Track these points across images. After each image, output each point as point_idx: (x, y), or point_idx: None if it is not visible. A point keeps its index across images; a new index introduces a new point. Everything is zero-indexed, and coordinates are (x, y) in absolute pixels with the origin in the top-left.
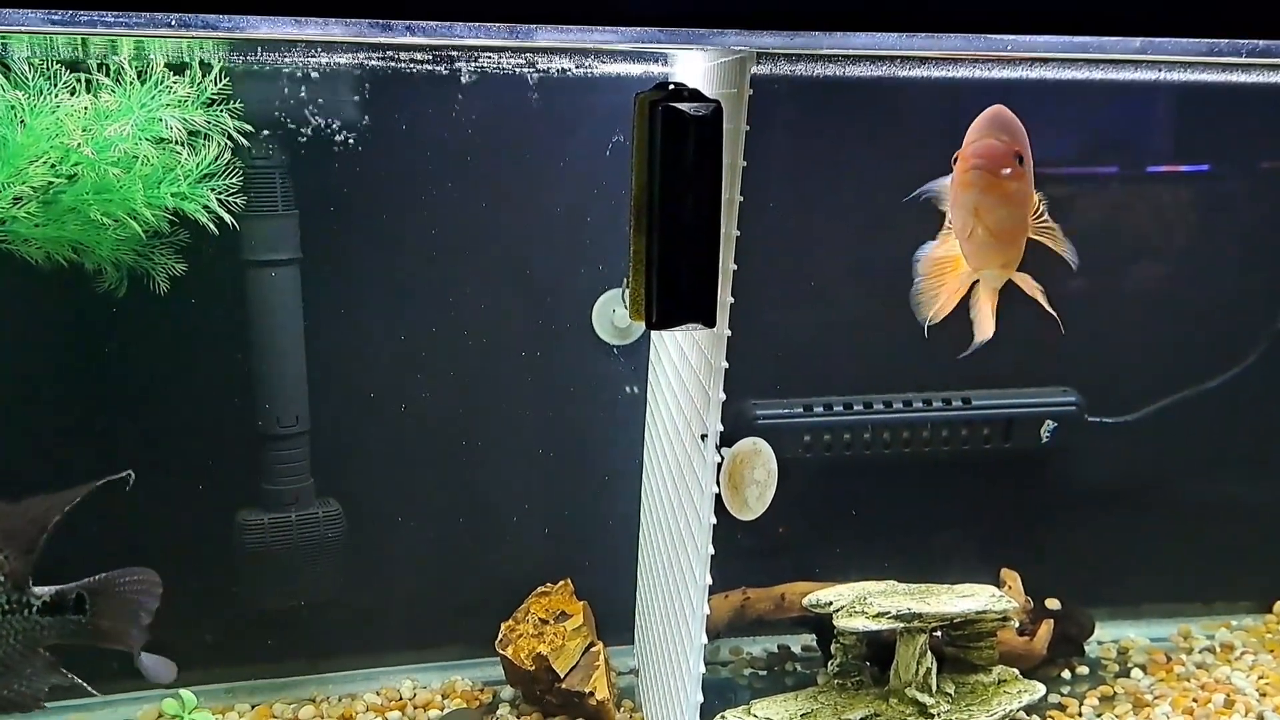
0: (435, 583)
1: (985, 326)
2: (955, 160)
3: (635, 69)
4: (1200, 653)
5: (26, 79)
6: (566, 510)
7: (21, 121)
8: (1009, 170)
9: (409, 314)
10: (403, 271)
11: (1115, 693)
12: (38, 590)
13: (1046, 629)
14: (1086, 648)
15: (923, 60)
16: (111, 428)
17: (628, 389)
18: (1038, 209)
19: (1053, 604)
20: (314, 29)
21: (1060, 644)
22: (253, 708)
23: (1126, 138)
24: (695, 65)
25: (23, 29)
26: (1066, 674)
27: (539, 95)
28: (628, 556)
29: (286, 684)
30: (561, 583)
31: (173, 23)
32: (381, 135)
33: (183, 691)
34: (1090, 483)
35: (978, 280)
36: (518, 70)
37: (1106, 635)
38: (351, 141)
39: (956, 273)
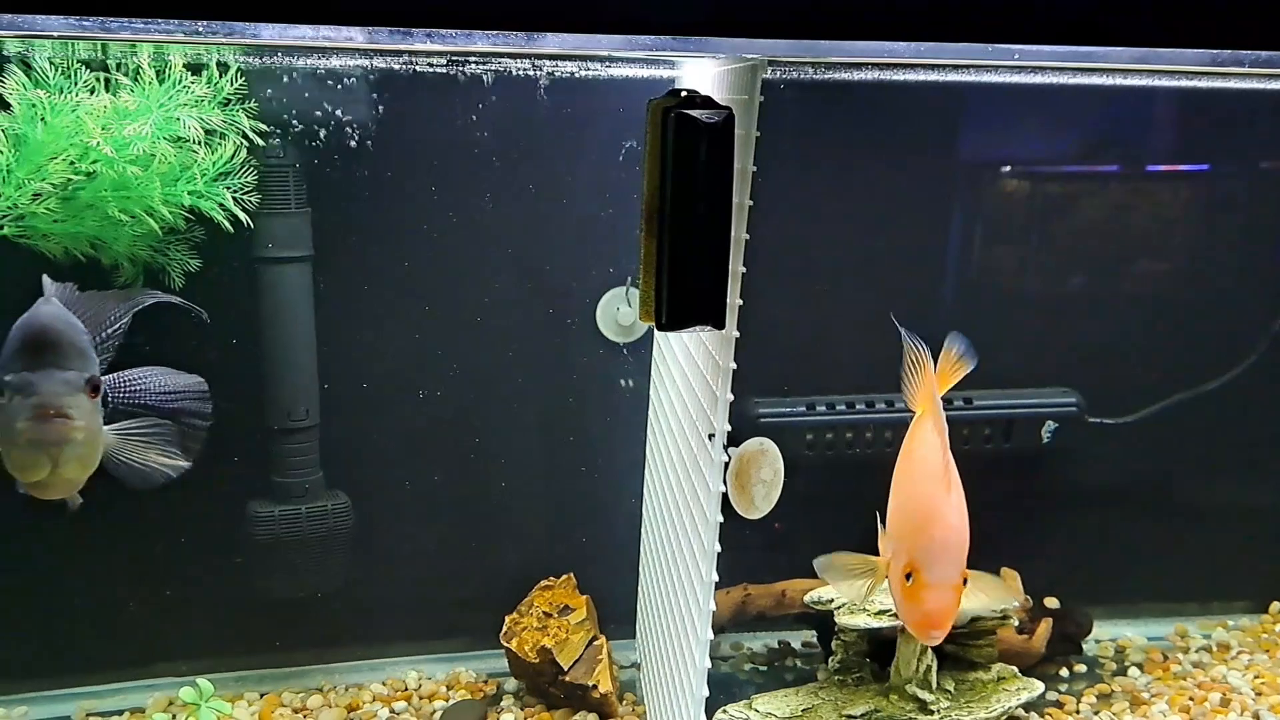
0: (441, 575)
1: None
2: (909, 578)
3: (646, 73)
4: (1197, 652)
5: (48, 78)
6: (570, 505)
7: (42, 119)
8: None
9: (417, 311)
10: (412, 269)
11: (1113, 691)
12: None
13: (1045, 627)
14: (1085, 646)
15: (929, 66)
16: None
17: (631, 385)
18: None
19: (1052, 603)
20: (332, 36)
21: (1059, 642)
22: (261, 696)
23: (1127, 137)
24: (705, 70)
25: (54, 35)
26: (1065, 672)
27: (551, 98)
28: (630, 551)
29: (294, 673)
30: (565, 577)
31: (200, 30)
32: (393, 136)
33: (200, 680)
34: (1090, 483)
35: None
36: (529, 73)
37: (1104, 634)
38: (364, 141)
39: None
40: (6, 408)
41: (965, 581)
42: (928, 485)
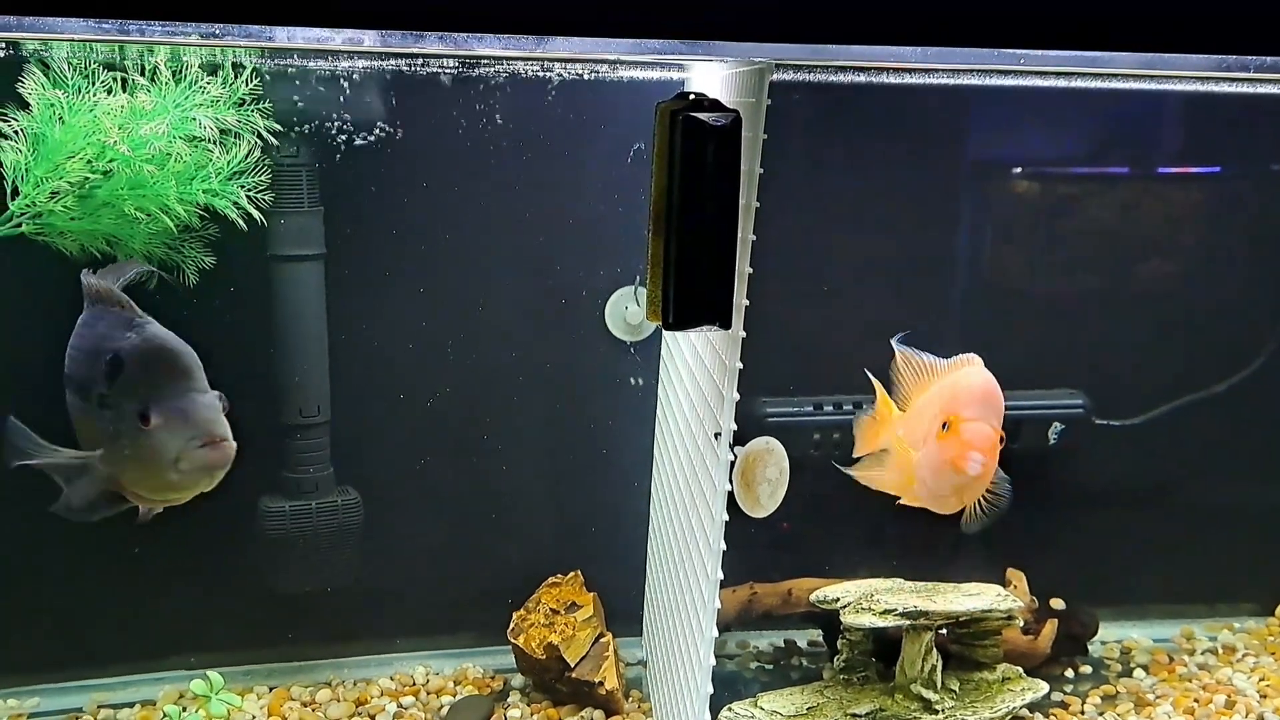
0: (449, 571)
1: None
2: (945, 426)
3: (655, 75)
4: (1202, 654)
5: (66, 78)
6: (578, 503)
7: (60, 119)
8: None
9: (428, 309)
10: (422, 268)
11: (1118, 692)
12: None
13: (1051, 628)
14: (1090, 647)
15: (936, 70)
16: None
17: (638, 383)
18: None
19: (1057, 603)
20: (346, 40)
21: (1064, 643)
22: (270, 690)
23: (1135, 139)
24: (714, 72)
25: (73, 37)
26: (1070, 673)
27: (560, 100)
28: (637, 549)
29: (303, 667)
30: (572, 574)
31: (217, 32)
32: (404, 136)
33: (210, 673)
34: (1096, 484)
35: None
36: (539, 75)
37: (1110, 635)
38: (376, 141)
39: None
40: (154, 435)
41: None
42: (958, 374)
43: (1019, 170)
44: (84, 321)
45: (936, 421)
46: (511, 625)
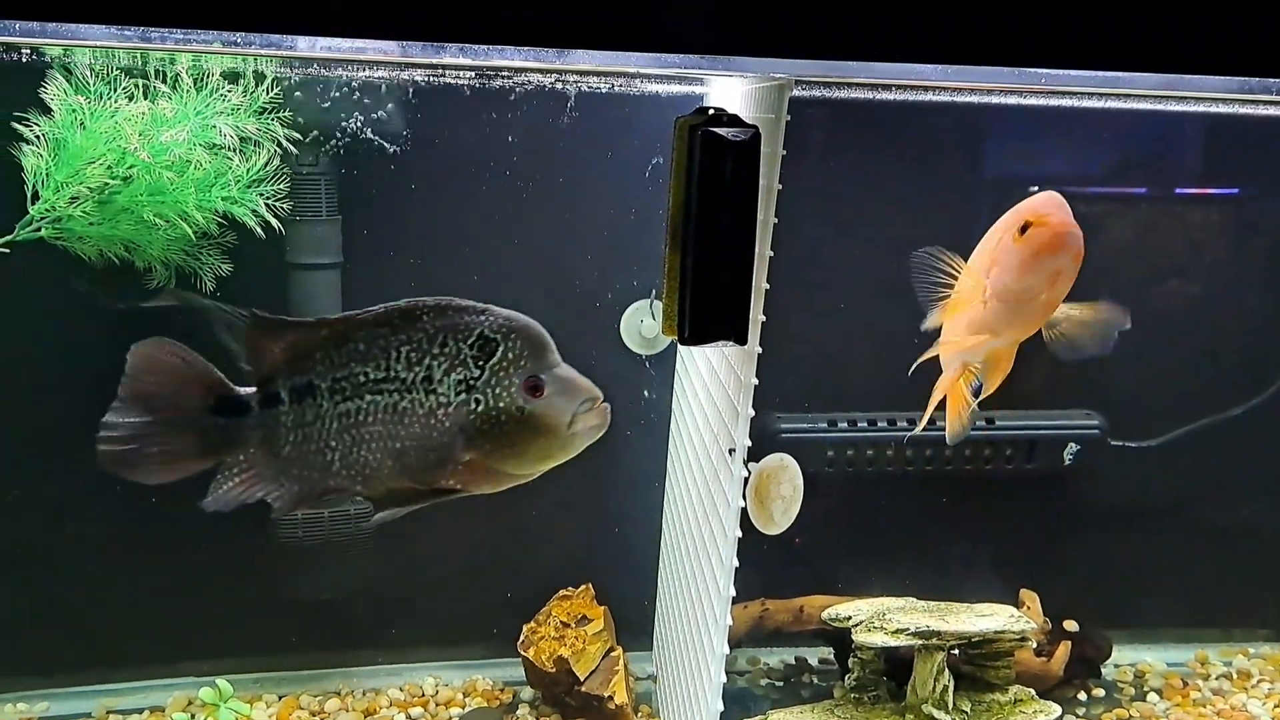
0: (460, 583)
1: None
2: (1024, 229)
3: (674, 89)
4: (1217, 679)
5: (88, 84)
6: (590, 516)
7: (81, 124)
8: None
9: None
10: (438, 279)
11: (1131, 716)
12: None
13: (1064, 650)
14: (1103, 670)
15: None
16: None
17: (653, 397)
18: None
19: (1071, 625)
20: (366, 48)
21: (1077, 665)
22: (280, 698)
23: (1155, 159)
24: (733, 88)
25: (97, 43)
26: (1082, 695)
27: (579, 113)
28: (648, 563)
29: (313, 676)
30: (583, 587)
31: (238, 40)
32: (423, 147)
33: (219, 680)
34: (1111, 506)
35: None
36: (558, 88)
37: (1123, 658)
38: (394, 152)
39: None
40: (547, 403)
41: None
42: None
43: (1036, 189)
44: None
45: (1011, 231)
46: (521, 638)
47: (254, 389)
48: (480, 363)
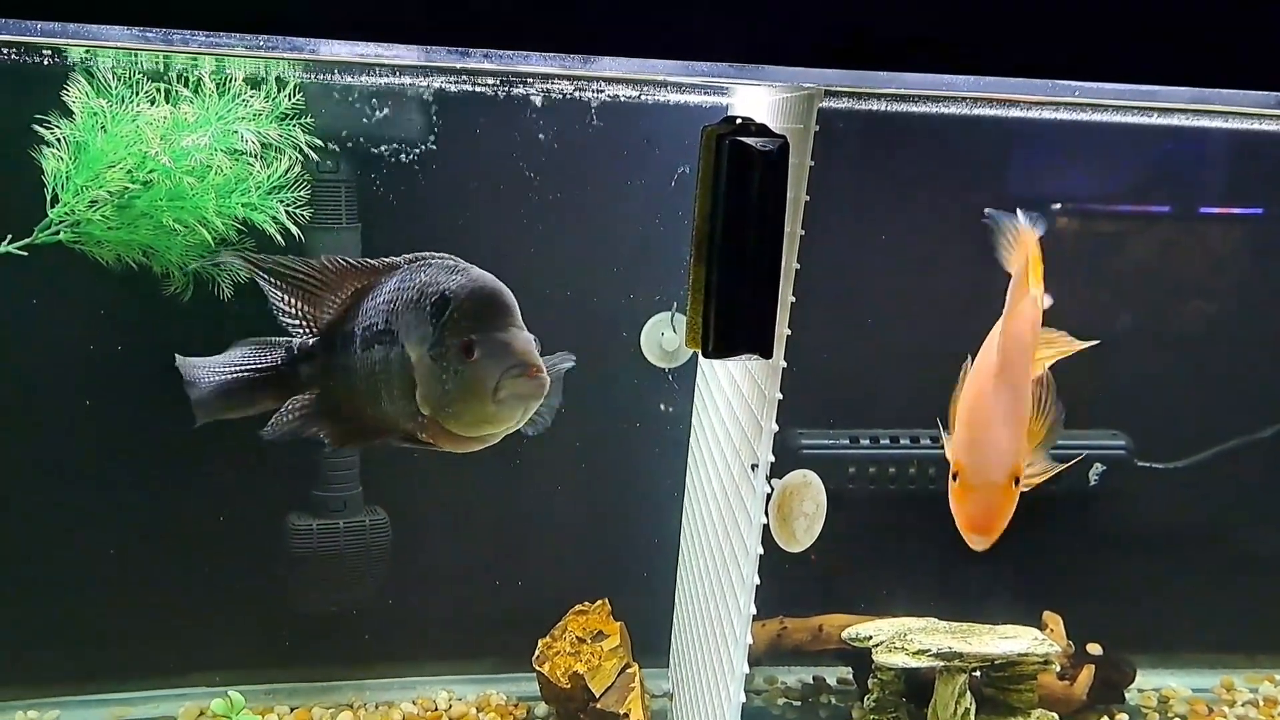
0: (475, 596)
1: None
2: (955, 478)
3: (701, 99)
4: (1243, 705)
5: (110, 87)
6: (607, 530)
7: (103, 128)
8: None
9: None
10: None
11: None
12: None
13: (1087, 674)
14: (1127, 695)
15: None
16: (167, 429)
17: (672, 411)
18: None
19: (1094, 649)
20: (389, 53)
21: (1101, 690)
22: (292, 710)
23: (1180, 178)
24: (761, 97)
25: (118, 45)
26: None
27: (604, 122)
28: (666, 579)
29: (326, 688)
30: (599, 602)
31: (261, 44)
32: (444, 156)
33: (231, 692)
34: (1137, 528)
35: None
36: (583, 96)
37: (1148, 683)
38: (415, 160)
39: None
40: (476, 365)
41: (1017, 481)
42: (979, 379)
43: (1061, 207)
44: (403, 274)
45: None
46: (537, 653)
47: (315, 338)
48: (434, 320)
